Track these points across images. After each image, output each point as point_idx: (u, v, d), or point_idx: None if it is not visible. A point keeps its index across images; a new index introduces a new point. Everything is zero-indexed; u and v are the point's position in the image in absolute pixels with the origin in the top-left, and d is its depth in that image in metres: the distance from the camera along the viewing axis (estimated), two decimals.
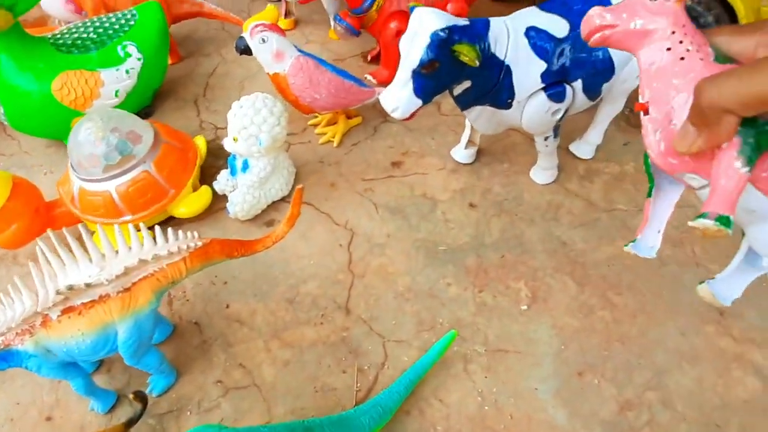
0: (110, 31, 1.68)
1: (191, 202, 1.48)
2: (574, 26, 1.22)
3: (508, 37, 1.18)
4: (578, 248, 1.38)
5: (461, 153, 1.60)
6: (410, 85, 1.12)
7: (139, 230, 1.06)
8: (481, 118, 1.33)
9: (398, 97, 1.13)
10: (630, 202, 1.49)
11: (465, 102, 1.26)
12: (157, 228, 1.07)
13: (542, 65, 1.20)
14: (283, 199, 1.56)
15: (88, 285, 0.96)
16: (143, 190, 1.40)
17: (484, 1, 2.51)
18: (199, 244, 1.09)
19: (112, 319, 0.99)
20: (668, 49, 0.57)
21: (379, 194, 1.56)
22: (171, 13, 2.00)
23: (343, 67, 2.08)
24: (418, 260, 1.39)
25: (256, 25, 1.45)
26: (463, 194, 1.54)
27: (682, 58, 0.56)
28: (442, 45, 1.05)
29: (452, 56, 1.07)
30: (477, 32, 1.12)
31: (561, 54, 1.21)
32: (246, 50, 1.48)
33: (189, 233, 1.10)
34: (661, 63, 0.57)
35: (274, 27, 1.47)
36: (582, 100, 1.31)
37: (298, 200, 1.18)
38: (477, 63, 1.05)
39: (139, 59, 1.69)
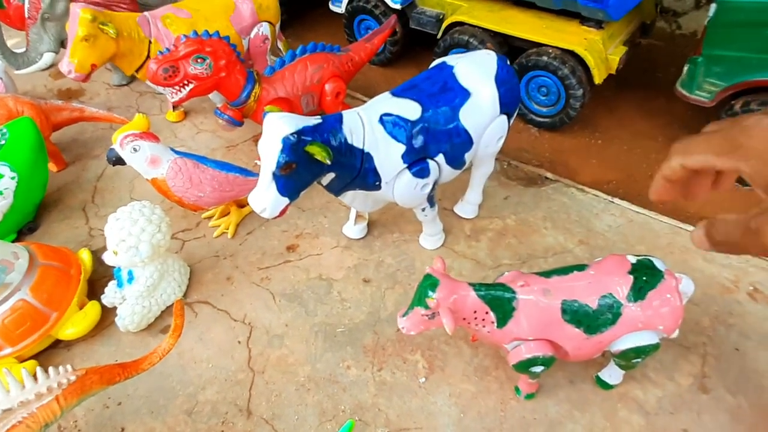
0: None
1: (78, 321, 1.42)
2: (426, 107, 1.31)
3: (363, 126, 1.24)
4: None
5: (352, 229, 1.64)
6: (273, 187, 1.15)
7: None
8: (357, 200, 1.38)
9: (264, 198, 1.16)
10: (513, 256, 1.57)
11: (335, 189, 1.31)
12: (23, 370, 1.02)
13: (401, 147, 1.27)
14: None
15: None
16: (21, 320, 1.33)
17: (367, 68, 2.64)
18: (73, 378, 1.05)
19: None
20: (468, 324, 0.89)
21: (276, 282, 1.56)
22: (50, 122, 1.96)
23: (236, 152, 2.11)
24: (317, 346, 1.39)
25: (126, 135, 1.46)
26: (357, 270, 1.57)
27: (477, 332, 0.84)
28: (295, 147, 1.09)
29: (307, 156, 1.12)
30: (330, 128, 1.17)
31: (417, 134, 1.29)
32: (118, 161, 1.48)
33: (62, 367, 1.06)
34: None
35: (145, 135, 1.48)
36: (449, 171, 1.39)
37: (179, 312, 1.16)
38: (329, 162, 1.10)
39: (12, 178, 1.64)
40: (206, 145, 2.15)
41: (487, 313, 1.04)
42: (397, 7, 2.52)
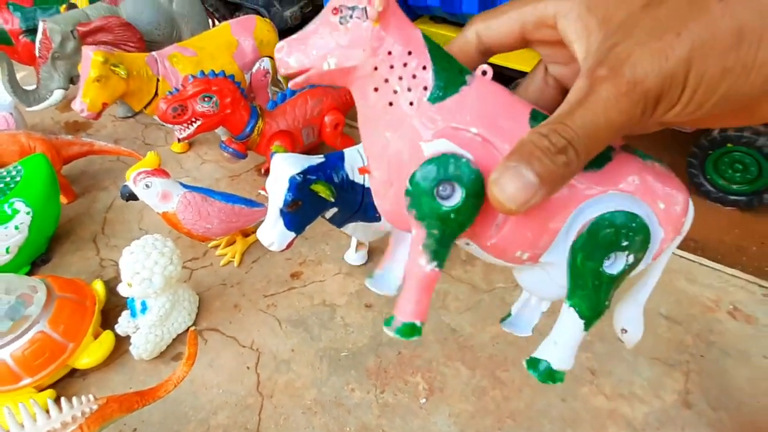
0: None
1: (93, 351, 1.49)
2: None
3: (363, 163, 1.33)
4: (466, 333, 1.51)
5: (353, 256, 1.72)
6: (280, 222, 1.23)
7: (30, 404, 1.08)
8: (358, 231, 1.47)
9: (272, 233, 1.24)
10: (507, 279, 1.65)
11: (338, 222, 1.39)
12: (49, 399, 1.09)
13: None
14: (188, 329, 1.60)
15: None
16: (40, 351, 1.40)
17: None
18: (95, 407, 1.11)
19: None
20: (375, 89, 0.41)
21: (281, 308, 1.64)
22: (61, 156, 2.05)
23: (239, 182, 2.20)
24: (322, 370, 1.46)
25: (139, 173, 1.54)
26: (359, 296, 1.65)
27: (390, 104, 0.41)
28: (301, 186, 1.18)
29: (312, 193, 1.20)
30: (333, 166, 1.26)
31: None
32: (131, 197, 1.56)
33: (84, 397, 1.13)
34: (369, 110, 0.42)
35: (156, 171, 1.57)
36: None
37: (192, 341, 1.23)
38: (333, 199, 1.19)
39: (28, 213, 1.72)
40: (210, 175, 2.23)
41: (424, 68, 0.41)
42: None
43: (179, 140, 1.73)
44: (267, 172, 2.18)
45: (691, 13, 0.29)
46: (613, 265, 0.44)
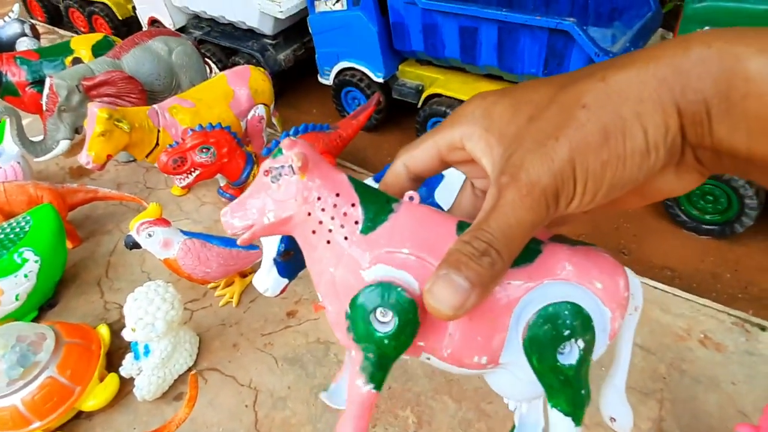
0: (6, 242, 1.80)
1: (99, 393, 1.57)
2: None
3: None
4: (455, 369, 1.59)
5: None
6: (274, 270, 1.33)
7: None
8: None
9: (266, 281, 1.34)
10: None
11: None
12: None
13: None
14: (190, 370, 1.68)
15: None
16: (49, 396, 1.48)
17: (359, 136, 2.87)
18: None
19: None
20: (313, 231, 0.45)
21: (278, 347, 1.72)
22: (67, 204, 2.16)
23: None
24: (317, 406, 1.54)
25: (142, 223, 1.64)
26: None
27: (329, 242, 0.44)
28: (292, 238, 1.28)
29: None
30: None
31: None
32: (135, 245, 1.66)
33: None
34: (313, 251, 0.46)
35: (158, 221, 1.67)
36: None
37: (193, 384, 1.32)
38: None
39: (36, 261, 1.82)
40: (210, 216, 2.34)
41: (353, 205, 0.46)
42: (380, 80, 2.78)
43: (181, 188, 1.83)
44: None
45: (563, 120, 0.34)
46: (568, 355, 0.45)
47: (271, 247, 1.31)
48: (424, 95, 2.67)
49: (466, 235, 0.36)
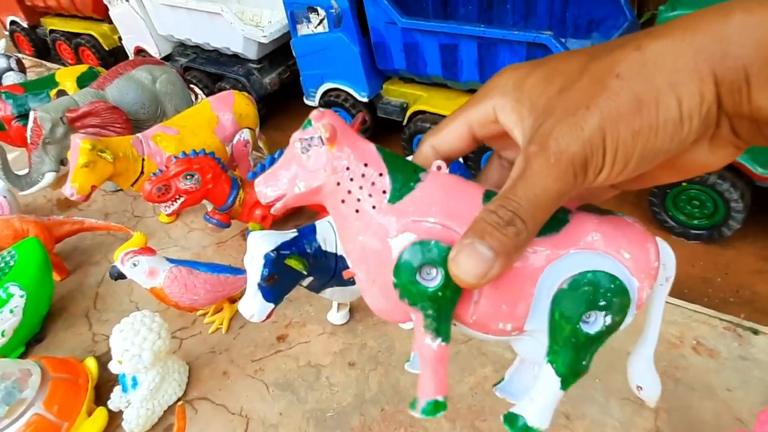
0: None
1: (87, 428, 1.54)
2: None
3: (335, 233, 1.43)
4: None
5: (335, 316, 1.80)
6: (259, 295, 1.32)
7: None
8: (336, 294, 1.55)
9: (251, 306, 1.32)
10: None
11: (316, 289, 1.48)
12: None
13: None
14: (179, 400, 1.65)
15: None
16: None
17: None
18: None
19: None
20: (342, 201, 0.46)
21: (268, 372, 1.70)
22: (53, 236, 2.14)
23: (226, 248, 2.29)
24: None
25: (126, 253, 1.63)
26: (343, 355, 1.72)
27: (357, 211, 0.45)
28: (275, 262, 1.27)
29: (287, 267, 1.29)
30: (305, 239, 1.36)
31: None
32: (120, 276, 1.64)
33: None
34: (342, 220, 0.47)
35: (143, 250, 1.66)
36: None
37: (180, 415, 1.30)
38: (306, 272, 1.28)
39: (22, 296, 1.80)
40: (198, 243, 2.33)
41: (381, 174, 0.47)
42: (365, 99, 2.79)
43: (167, 215, 1.82)
44: None
45: (595, 90, 0.33)
46: (592, 324, 0.44)
47: (254, 271, 1.31)
48: (408, 112, 2.69)
49: (492, 204, 0.36)
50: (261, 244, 1.28)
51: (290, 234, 1.36)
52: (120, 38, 4.24)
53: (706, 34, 0.31)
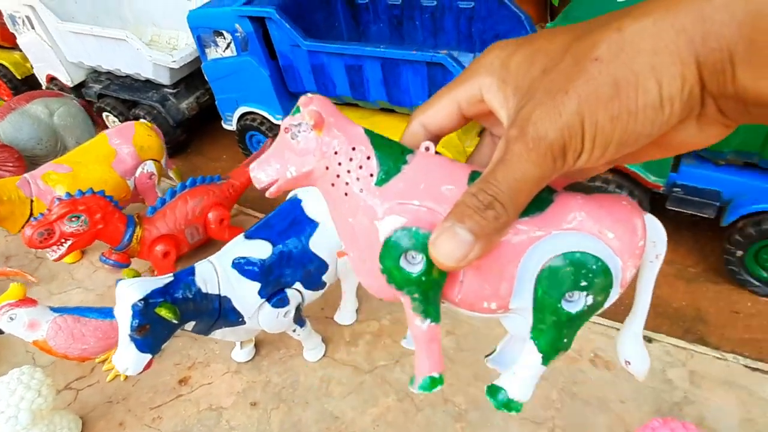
0: None
1: None
2: (276, 243, 1.46)
3: (217, 274, 1.38)
4: (348, 418, 1.54)
5: (239, 353, 1.74)
6: (132, 347, 1.25)
7: None
8: (227, 335, 1.49)
9: (125, 359, 1.25)
10: (389, 357, 1.70)
11: (202, 331, 1.42)
12: None
13: (256, 285, 1.41)
14: None
15: None
16: None
17: None
18: None
19: None
20: (332, 184, 0.47)
21: (167, 420, 1.62)
22: None
23: None
24: None
25: (1, 307, 1.53)
26: (246, 394, 1.66)
27: (346, 194, 0.47)
28: (144, 312, 1.21)
29: (158, 315, 1.23)
30: (182, 284, 1.30)
31: (270, 270, 1.43)
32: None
33: None
34: (333, 203, 0.49)
35: (21, 302, 1.56)
36: (310, 294, 1.54)
37: None
38: (176, 320, 1.22)
39: None
40: (103, 283, 2.22)
41: (368, 158, 0.49)
42: (280, 122, 2.74)
43: (53, 260, 1.73)
44: (160, 272, 2.18)
45: (574, 73, 0.33)
46: (573, 304, 0.45)
47: (124, 323, 1.24)
48: None
49: (473, 187, 0.36)
50: (129, 293, 1.22)
51: (164, 280, 1.30)
52: (32, 66, 4.05)
53: (687, 14, 0.31)
